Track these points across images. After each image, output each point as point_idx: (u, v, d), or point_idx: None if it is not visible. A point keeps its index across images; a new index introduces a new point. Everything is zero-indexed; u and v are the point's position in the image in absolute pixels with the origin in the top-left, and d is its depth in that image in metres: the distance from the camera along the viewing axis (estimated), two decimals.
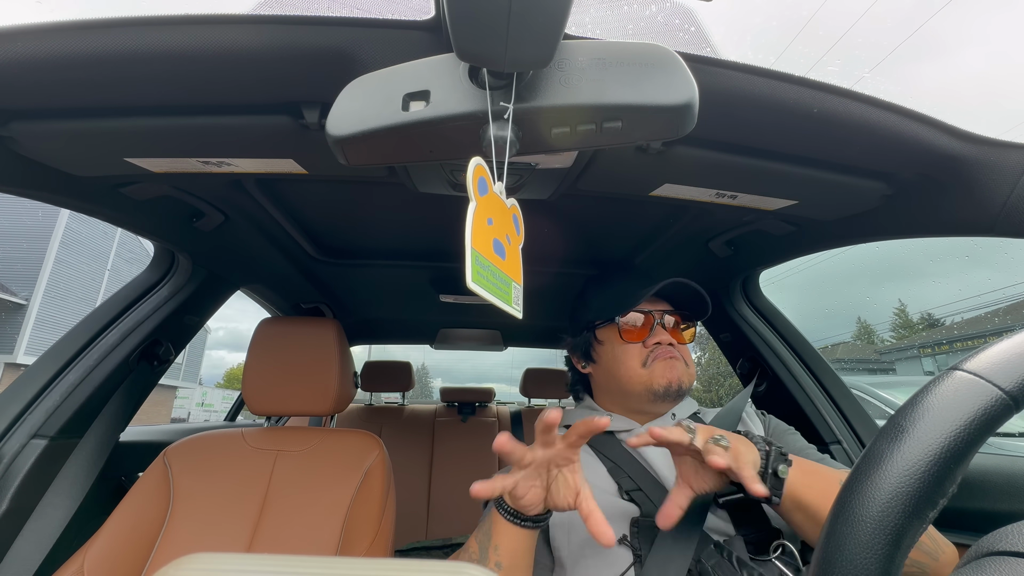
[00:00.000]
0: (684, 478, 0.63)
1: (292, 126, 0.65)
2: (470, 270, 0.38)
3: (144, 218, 0.97)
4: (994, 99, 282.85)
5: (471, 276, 0.38)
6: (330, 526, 0.94)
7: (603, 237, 1.23)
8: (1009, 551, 0.26)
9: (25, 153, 0.71)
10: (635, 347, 0.83)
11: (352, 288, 1.69)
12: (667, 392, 0.79)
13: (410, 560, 0.22)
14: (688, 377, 0.82)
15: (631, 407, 0.85)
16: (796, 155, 0.71)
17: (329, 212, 1.13)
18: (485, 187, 0.43)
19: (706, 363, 31.20)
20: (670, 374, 0.79)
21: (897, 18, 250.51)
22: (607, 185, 0.84)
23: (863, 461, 0.28)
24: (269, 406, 1.08)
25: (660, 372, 0.80)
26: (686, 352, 0.84)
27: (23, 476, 0.89)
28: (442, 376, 63.08)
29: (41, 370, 0.98)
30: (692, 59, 0.55)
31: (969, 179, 0.68)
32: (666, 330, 0.84)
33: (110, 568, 0.84)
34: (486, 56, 0.40)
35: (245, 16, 0.53)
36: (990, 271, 36.25)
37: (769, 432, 0.84)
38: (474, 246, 0.39)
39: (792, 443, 0.80)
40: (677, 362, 0.81)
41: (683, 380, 0.80)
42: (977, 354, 0.29)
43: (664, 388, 0.79)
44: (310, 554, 0.57)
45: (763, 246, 1.11)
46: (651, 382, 0.80)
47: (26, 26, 0.52)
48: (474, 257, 0.39)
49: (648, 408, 0.83)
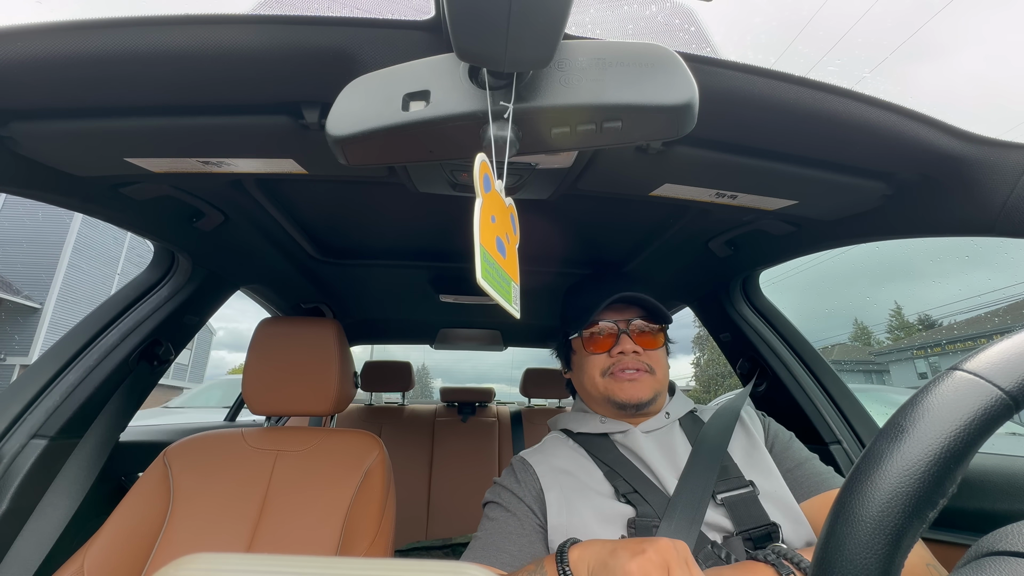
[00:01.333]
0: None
1: (292, 126, 0.65)
2: (480, 267, 0.38)
3: (144, 218, 0.97)
4: (994, 99, 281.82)
5: (480, 273, 0.38)
6: (330, 526, 0.94)
7: (603, 237, 1.23)
8: (1009, 551, 0.26)
9: (25, 153, 0.71)
10: (599, 357, 0.85)
11: (352, 288, 1.70)
12: (626, 405, 0.81)
13: (410, 560, 0.22)
14: (654, 386, 0.82)
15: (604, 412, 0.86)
16: (796, 155, 0.71)
17: (329, 212, 1.13)
18: (489, 184, 0.43)
19: (705, 363, 31.19)
20: (630, 391, 0.81)
21: (897, 18, 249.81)
22: (607, 185, 0.84)
23: (863, 461, 0.28)
24: (269, 406, 1.08)
25: (620, 387, 0.81)
26: (655, 358, 0.84)
27: (23, 476, 0.89)
28: (442, 376, 63.07)
29: (41, 370, 0.98)
30: (692, 59, 0.55)
31: (969, 179, 0.68)
32: (632, 338, 0.84)
33: (110, 568, 0.84)
34: (486, 56, 0.40)
35: (245, 16, 0.53)
36: (990, 271, 36.26)
37: (768, 437, 0.83)
38: (482, 243, 0.39)
39: (797, 453, 0.80)
40: (636, 381, 0.81)
41: (643, 396, 0.81)
42: (977, 354, 0.29)
43: (623, 402, 0.81)
44: (310, 554, 0.57)
45: (763, 246, 1.11)
46: (609, 394, 0.82)
47: (26, 26, 0.52)
48: (483, 255, 0.39)
49: (615, 415, 0.84)
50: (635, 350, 0.83)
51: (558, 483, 0.76)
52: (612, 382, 0.82)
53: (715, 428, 0.80)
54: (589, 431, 0.85)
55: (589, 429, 0.85)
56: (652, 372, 0.83)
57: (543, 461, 0.81)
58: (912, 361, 21.98)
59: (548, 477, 0.78)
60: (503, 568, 0.66)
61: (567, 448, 0.84)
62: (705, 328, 1.55)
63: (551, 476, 0.78)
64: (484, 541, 0.72)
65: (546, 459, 0.82)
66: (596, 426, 0.84)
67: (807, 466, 0.76)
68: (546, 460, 0.82)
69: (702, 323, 1.56)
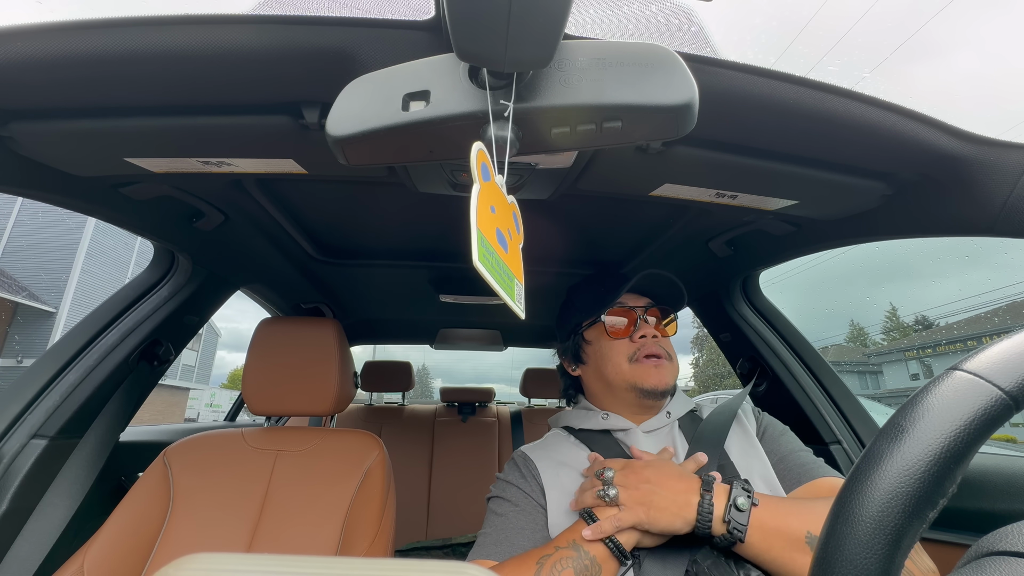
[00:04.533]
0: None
1: (292, 126, 0.65)
2: (476, 250, 0.37)
3: (144, 218, 0.97)
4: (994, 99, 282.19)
5: (477, 255, 0.37)
6: (330, 526, 0.94)
7: (603, 237, 1.23)
8: (1009, 551, 0.26)
9: (25, 153, 0.71)
10: (622, 343, 0.85)
11: (352, 288, 1.70)
12: (653, 392, 0.81)
13: (410, 560, 0.22)
14: (674, 375, 0.83)
15: (620, 405, 0.85)
16: (796, 155, 0.71)
17: (329, 212, 1.13)
18: (488, 174, 0.42)
19: (704, 363, 31.18)
20: (656, 377, 0.81)
21: (897, 19, 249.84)
22: (607, 185, 0.84)
23: (863, 461, 0.28)
24: (269, 406, 1.08)
25: (647, 373, 0.81)
26: (669, 345, 0.87)
27: (23, 476, 0.89)
28: (442, 376, 63.08)
29: (41, 370, 0.98)
30: (692, 59, 0.55)
31: (969, 179, 0.68)
32: (649, 325, 0.86)
33: (110, 568, 0.84)
34: (486, 56, 0.40)
35: (245, 16, 0.53)
36: (990, 271, 36.28)
37: (760, 428, 0.83)
38: (479, 227, 0.39)
39: (787, 444, 0.79)
40: (663, 366, 0.82)
41: (669, 382, 0.82)
42: (977, 354, 0.29)
43: (651, 388, 0.81)
44: (310, 554, 0.58)
45: (763, 246, 1.11)
46: (636, 380, 0.82)
47: (26, 26, 0.52)
48: (479, 238, 0.38)
49: (635, 405, 0.84)
50: (654, 334, 0.84)
51: (559, 482, 0.76)
52: (639, 368, 0.82)
53: (711, 426, 0.79)
54: (591, 427, 0.85)
55: (591, 425, 0.85)
56: (671, 359, 0.84)
57: (545, 457, 0.81)
58: (905, 363, 22.10)
59: (549, 473, 0.78)
60: None
61: (569, 444, 0.84)
62: (705, 328, 1.55)
63: (552, 473, 0.78)
64: (495, 537, 0.71)
65: (548, 455, 0.82)
66: (598, 423, 0.84)
67: (796, 456, 0.76)
68: (548, 456, 0.82)
69: (702, 323, 1.56)
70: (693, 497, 0.61)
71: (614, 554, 0.61)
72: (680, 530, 0.60)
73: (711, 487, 0.61)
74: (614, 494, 0.63)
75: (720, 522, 0.58)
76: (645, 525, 0.61)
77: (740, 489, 0.60)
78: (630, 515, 0.61)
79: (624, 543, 0.61)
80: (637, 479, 0.64)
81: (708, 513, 0.59)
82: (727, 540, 0.58)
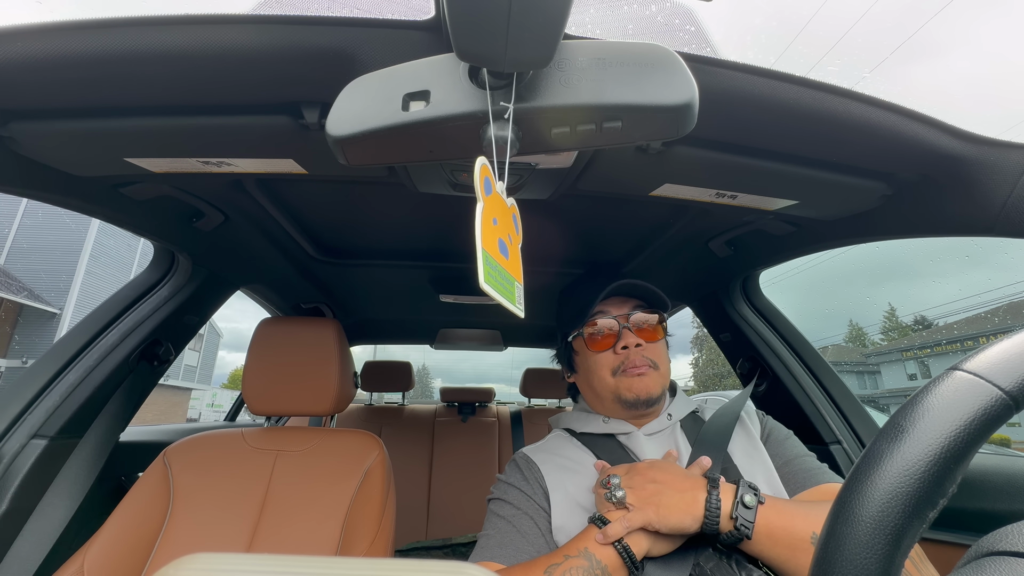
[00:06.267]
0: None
1: (292, 126, 0.65)
2: (482, 271, 0.38)
3: (144, 218, 0.97)
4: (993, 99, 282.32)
5: (483, 277, 0.38)
6: (330, 526, 0.94)
7: (603, 237, 1.23)
8: (1009, 551, 0.26)
9: (25, 153, 0.71)
10: (605, 355, 0.84)
11: (352, 288, 1.69)
12: (635, 403, 0.80)
13: (410, 560, 0.22)
14: (660, 382, 0.82)
15: (613, 413, 0.85)
16: (796, 155, 0.71)
17: (329, 212, 1.13)
18: (490, 187, 0.42)
19: (704, 363, 31.18)
20: (638, 388, 0.80)
21: (896, 19, 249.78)
22: (607, 185, 0.84)
23: (863, 461, 0.28)
24: (269, 406, 1.08)
25: (627, 385, 0.80)
26: (657, 352, 0.84)
27: (23, 476, 0.89)
28: (442, 376, 63.09)
29: (41, 370, 0.98)
30: (692, 59, 0.55)
31: (969, 179, 0.68)
32: (633, 331, 0.83)
33: (110, 568, 0.84)
34: (486, 56, 0.40)
35: (245, 16, 0.53)
36: (990, 271, 36.28)
37: (764, 431, 0.83)
38: (484, 247, 0.39)
39: (791, 449, 0.79)
40: (646, 376, 0.80)
41: (652, 391, 0.80)
42: (977, 354, 0.29)
43: (632, 400, 0.80)
44: (310, 554, 0.57)
45: (763, 246, 1.11)
46: (620, 393, 0.81)
47: (26, 26, 0.52)
48: (485, 258, 0.39)
49: (625, 414, 0.83)
50: (638, 343, 0.82)
51: (563, 484, 0.76)
52: (623, 381, 0.81)
53: (715, 428, 0.79)
54: (592, 431, 0.85)
55: (592, 429, 0.85)
56: (656, 367, 0.82)
57: (548, 460, 0.81)
58: (903, 363, 22.14)
59: (553, 476, 0.78)
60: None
61: (572, 446, 0.84)
62: (705, 328, 1.55)
63: (556, 475, 0.78)
64: (499, 540, 0.71)
65: (551, 457, 0.82)
66: (599, 426, 0.84)
67: (800, 461, 0.76)
68: (551, 459, 0.81)
69: (702, 323, 1.56)
70: (700, 494, 0.61)
71: (625, 563, 0.60)
72: (689, 528, 0.60)
73: (717, 485, 0.61)
74: (621, 495, 0.63)
75: (727, 519, 0.59)
76: (655, 524, 0.60)
77: (746, 487, 0.61)
78: (639, 515, 0.61)
79: (635, 551, 0.61)
80: (643, 480, 0.64)
81: (716, 509, 0.59)
82: (734, 537, 0.58)
